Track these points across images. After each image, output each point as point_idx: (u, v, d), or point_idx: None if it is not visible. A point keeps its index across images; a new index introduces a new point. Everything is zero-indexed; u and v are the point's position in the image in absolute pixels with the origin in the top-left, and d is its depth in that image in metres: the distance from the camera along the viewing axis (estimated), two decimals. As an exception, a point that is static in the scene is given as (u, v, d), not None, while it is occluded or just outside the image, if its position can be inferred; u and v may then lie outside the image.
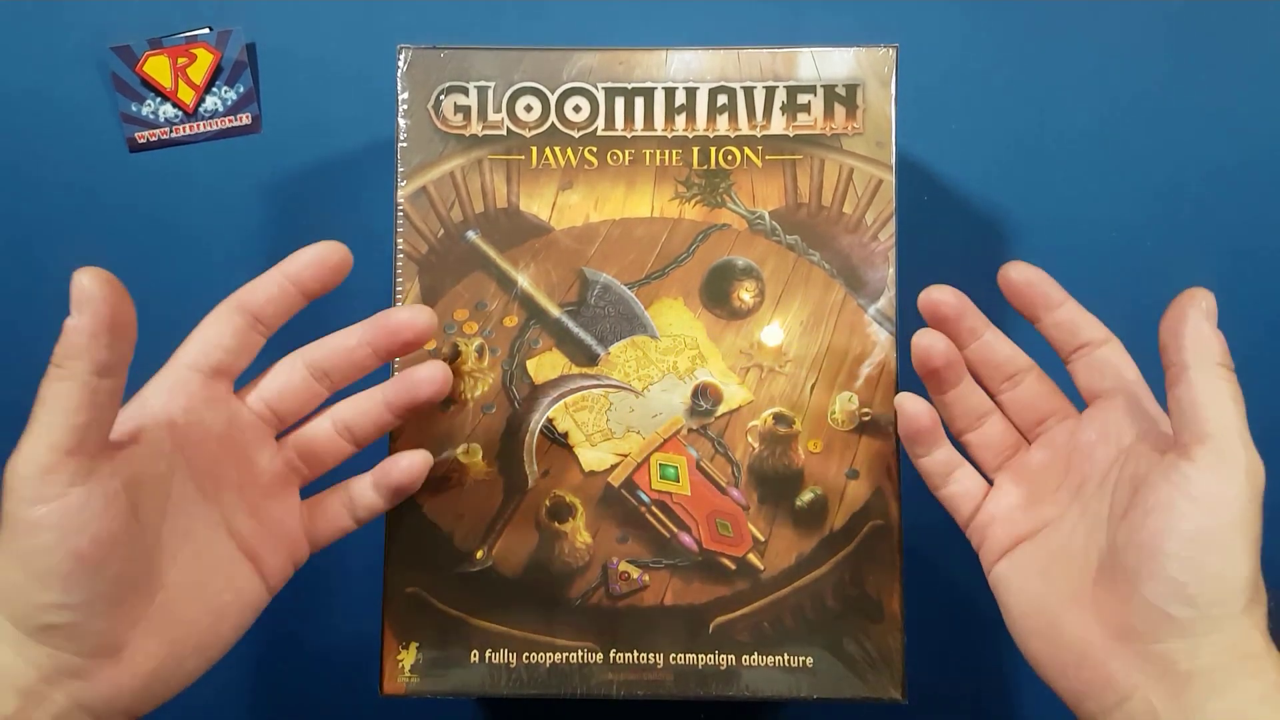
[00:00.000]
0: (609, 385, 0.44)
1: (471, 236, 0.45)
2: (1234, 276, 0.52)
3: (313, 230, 0.52)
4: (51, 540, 0.30)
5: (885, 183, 0.45)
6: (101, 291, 0.29)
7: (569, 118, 0.45)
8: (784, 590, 0.43)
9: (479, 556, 0.43)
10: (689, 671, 0.43)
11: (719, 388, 0.44)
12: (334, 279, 0.37)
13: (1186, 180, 0.53)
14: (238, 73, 0.53)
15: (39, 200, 0.52)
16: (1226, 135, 0.53)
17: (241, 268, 0.52)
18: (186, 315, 0.52)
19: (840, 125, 0.45)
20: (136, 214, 0.52)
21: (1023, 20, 0.54)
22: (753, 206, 0.45)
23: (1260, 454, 0.33)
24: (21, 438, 0.30)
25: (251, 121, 0.53)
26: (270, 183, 0.53)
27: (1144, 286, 0.52)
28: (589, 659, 0.43)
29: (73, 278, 0.30)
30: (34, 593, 0.30)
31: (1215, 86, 0.53)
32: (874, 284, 0.45)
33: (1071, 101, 0.53)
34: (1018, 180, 0.53)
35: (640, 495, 0.44)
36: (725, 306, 0.45)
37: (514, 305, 0.45)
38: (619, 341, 0.45)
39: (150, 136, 0.53)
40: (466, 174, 0.45)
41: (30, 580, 0.30)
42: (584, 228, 0.45)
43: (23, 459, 0.30)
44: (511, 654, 0.43)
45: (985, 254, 0.52)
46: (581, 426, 0.44)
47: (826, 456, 0.44)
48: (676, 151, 0.45)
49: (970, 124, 0.53)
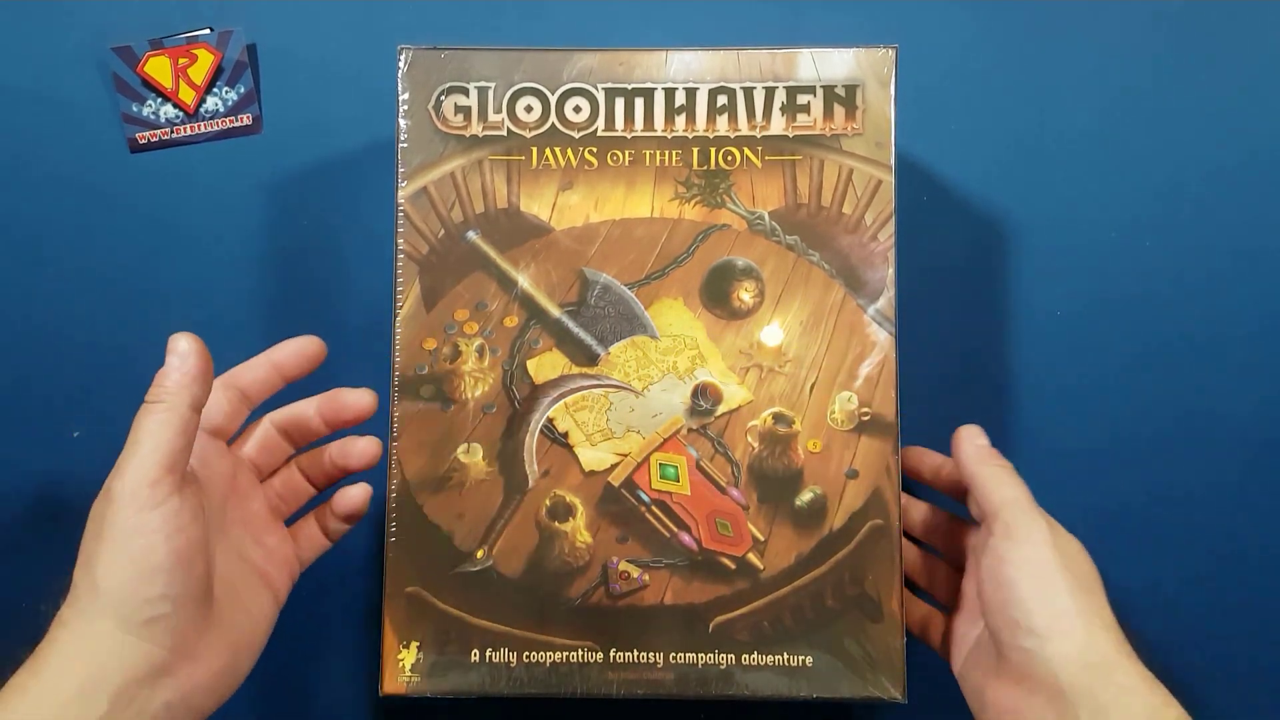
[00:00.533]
0: (609, 385, 0.44)
1: (472, 237, 0.45)
2: (1234, 276, 0.52)
3: (313, 231, 0.52)
4: (158, 540, 0.35)
5: (885, 183, 0.45)
6: (195, 348, 0.38)
7: (569, 118, 0.45)
8: (784, 590, 0.43)
9: (479, 556, 0.44)
10: (689, 671, 0.43)
11: (719, 387, 0.44)
12: (310, 367, 0.43)
13: (1186, 180, 0.53)
14: (238, 73, 0.53)
15: (40, 200, 0.52)
16: (1226, 135, 0.53)
17: (241, 268, 0.52)
18: (187, 315, 0.52)
19: (840, 126, 0.45)
20: (137, 214, 0.52)
21: (1023, 20, 0.54)
22: (752, 207, 0.45)
23: (1261, 455, 0.33)
24: (123, 460, 0.36)
25: (252, 122, 0.53)
26: (271, 183, 0.53)
27: (1144, 286, 0.52)
28: (589, 658, 0.43)
29: (171, 341, 0.38)
30: (144, 587, 0.35)
31: (1215, 86, 0.53)
32: (874, 284, 0.45)
33: (1071, 101, 0.53)
34: (1018, 180, 0.53)
35: (640, 495, 0.44)
36: (725, 306, 0.45)
37: (514, 305, 0.45)
38: (619, 341, 0.45)
39: (151, 137, 0.53)
40: (467, 174, 0.45)
41: (141, 576, 0.35)
42: (584, 228, 0.45)
43: (132, 474, 0.36)
44: (511, 653, 0.43)
45: (985, 254, 0.52)
46: (582, 426, 0.44)
47: (826, 456, 0.44)
48: (676, 152, 0.45)
49: (970, 124, 0.53)
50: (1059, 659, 0.37)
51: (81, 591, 0.36)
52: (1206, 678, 0.50)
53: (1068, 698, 0.37)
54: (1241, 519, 0.51)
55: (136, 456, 0.36)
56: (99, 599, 0.35)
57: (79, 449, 0.51)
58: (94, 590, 0.35)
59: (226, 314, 0.52)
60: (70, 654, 0.35)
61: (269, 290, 0.52)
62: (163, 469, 0.36)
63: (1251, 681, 0.50)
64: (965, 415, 0.44)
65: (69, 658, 0.35)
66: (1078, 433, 0.51)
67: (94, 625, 0.35)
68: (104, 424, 0.51)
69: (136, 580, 0.35)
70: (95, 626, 0.35)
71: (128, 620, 0.35)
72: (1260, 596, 0.50)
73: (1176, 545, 0.51)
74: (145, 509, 0.36)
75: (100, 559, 0.35)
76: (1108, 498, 0.51)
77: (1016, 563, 0.39)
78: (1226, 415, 0.51)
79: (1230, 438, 0.51)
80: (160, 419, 0.37)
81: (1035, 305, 0.52)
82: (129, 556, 0.35)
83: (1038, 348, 0.52)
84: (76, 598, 0.36)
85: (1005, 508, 0.41)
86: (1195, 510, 0.51)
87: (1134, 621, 0.50)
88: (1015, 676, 0.39)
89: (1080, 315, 0.52)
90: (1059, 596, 0.39)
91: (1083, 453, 0.51)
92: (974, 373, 0.52)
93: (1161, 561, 0.51)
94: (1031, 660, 0.38)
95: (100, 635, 0.35)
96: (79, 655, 0.35)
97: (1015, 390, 0.52)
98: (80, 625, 0.35)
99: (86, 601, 0.35)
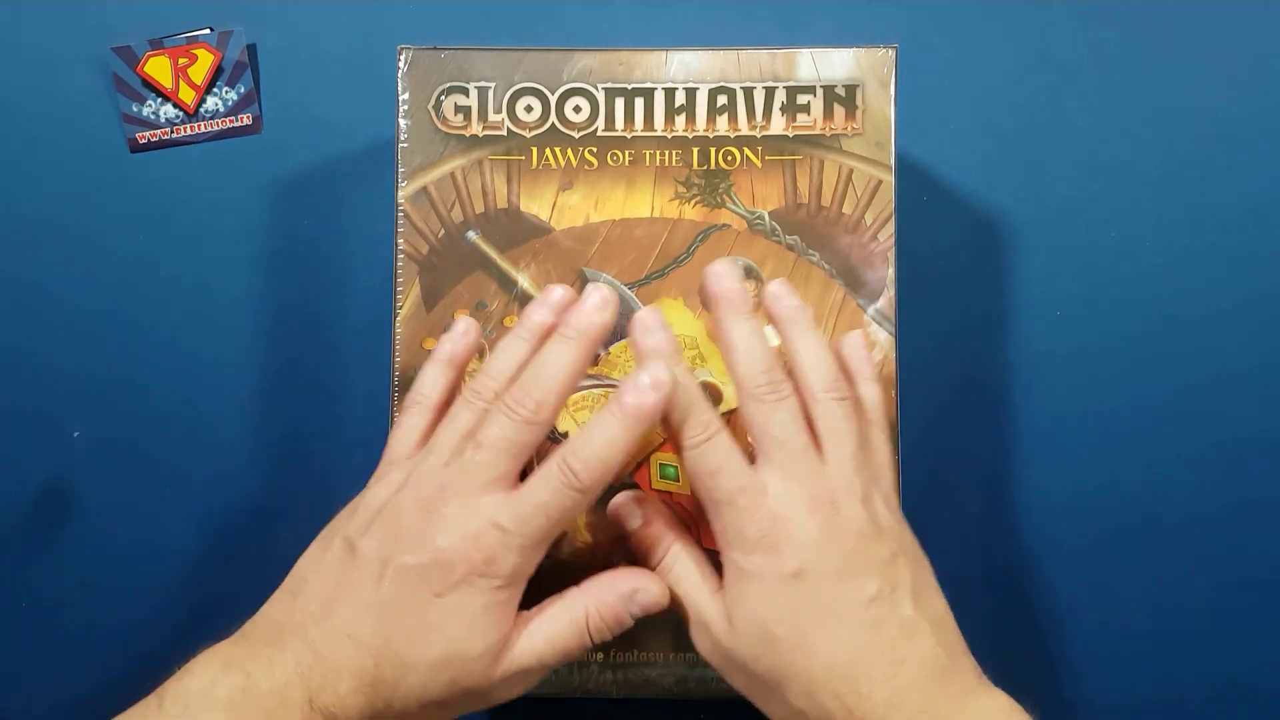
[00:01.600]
0: (609, 385, 0.44)
1: (472, 237, 0.45)
2: (1234, 276, 0.52)
3: (313, 231, 0.52)
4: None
5: (885, 183, 0.45)
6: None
7: (569, 118, 0.45)
8: (784, 590, 0.43)
9: (479, 556, 0.44)
10: (689, 671, 0.43)
11: (719, 387, 0.44)
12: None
13: (1186, 180, 0.53)
14: (239, 73, 0.53)
15: (39, 200, 0.52)
16: (1226, 135, 0.53)
17: (241, 268, 0.52)
18: (187, 315, 0.52)
19: (840, 126, 0.45)
20: (137, 214, 0.52)
21: (1023, 20, 0.54)
22: (752, 207, 0.45)
23: (1261, 454, 0.33)
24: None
25: (252, 122, 0.53)
26: (270, 183, 0.53)
27: (1144, 286, 0.52)
28: (589, 659, 0.43)
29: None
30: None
31: (1215, 86, 0.53)
32: (873, 284, 0.45)
33: (1071, 101, 0.53)
34: (1018, 180, 0.53)
35: (640, 495, 0.44)
36: (725, 307, 0.45)
37: (515, 305, 0.45)
38: (619, 342, 0.45)
39: (151, 137, 0.53)
40: (467, 174, 0.45)
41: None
42: (584, 228, 0.45)
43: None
44: (512, 653, 0.43)
45: (985, 254, 0.52)
46: (582, 426, 0.44)
47: (826, 456, 0.44)
48: (676, 152, 0.45)
49: (970, 124, 0.53)
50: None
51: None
52: (1207, 678, 0.50)
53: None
54: (1242, 519, 0.51)
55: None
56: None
57: (79, 449, 0.51)
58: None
59: (226, 314, 0.52)
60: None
61: (269, 290, 0.52)
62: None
63: (1252, 682, 0.50)
64: (965, 415, 0.44)
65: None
66: (1078, 432, 0.51)
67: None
68: (104, 424, 0.51)
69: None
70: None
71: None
72: (1260, 597, 0.50)
73: (1176, 545, 0.51)
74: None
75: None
76: (1108, 498, 0.51)
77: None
78: (1226, 415, 0.51)
79: (1230, 437, 0.51)
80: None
81: (1035, 305, 0.52)
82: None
83: (1038, 348, 0.52)
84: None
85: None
86: (1196, 510, 0.51)
87: (1133, 621, 0.51)
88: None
89: (1080, 315, 0.52)
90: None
91: (1083, 452, 0.51)
92: (974, 373, 0.52)
93: (1161, 561, 0.51)
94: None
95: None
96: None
97: (1015, 390, 0.52)
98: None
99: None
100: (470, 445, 0.37)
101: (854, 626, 0.35)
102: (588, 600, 0.38)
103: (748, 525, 0.36)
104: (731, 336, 0.38)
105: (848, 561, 0.36)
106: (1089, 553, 0.51)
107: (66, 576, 0.50)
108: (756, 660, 0.36)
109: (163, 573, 0.50)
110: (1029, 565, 0.50)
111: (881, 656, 0.35)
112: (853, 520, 0.36)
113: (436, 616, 0.35)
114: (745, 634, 0.36)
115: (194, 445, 0.51)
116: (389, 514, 0.37)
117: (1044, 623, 0.50)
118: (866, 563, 0.36)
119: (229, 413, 0.51)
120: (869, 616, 0.35)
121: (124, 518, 0.51)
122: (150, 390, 0.51)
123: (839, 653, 0.35)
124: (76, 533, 0.51)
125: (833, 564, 0.36)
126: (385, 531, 0.36)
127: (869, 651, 0.35)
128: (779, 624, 0.35)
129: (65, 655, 0.50)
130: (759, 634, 0.36)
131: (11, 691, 0.50)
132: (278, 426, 0.51)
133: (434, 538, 0.36)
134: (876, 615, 0.35)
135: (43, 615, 0.50)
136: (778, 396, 0.37)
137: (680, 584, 0.39)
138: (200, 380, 0.51)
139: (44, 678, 0.50)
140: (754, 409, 0.38)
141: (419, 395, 0.41)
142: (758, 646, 0.36)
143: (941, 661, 0.35)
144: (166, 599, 0.50)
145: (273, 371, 0.51)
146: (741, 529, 0.36)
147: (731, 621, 0.37)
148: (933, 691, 0.34)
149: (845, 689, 0.34)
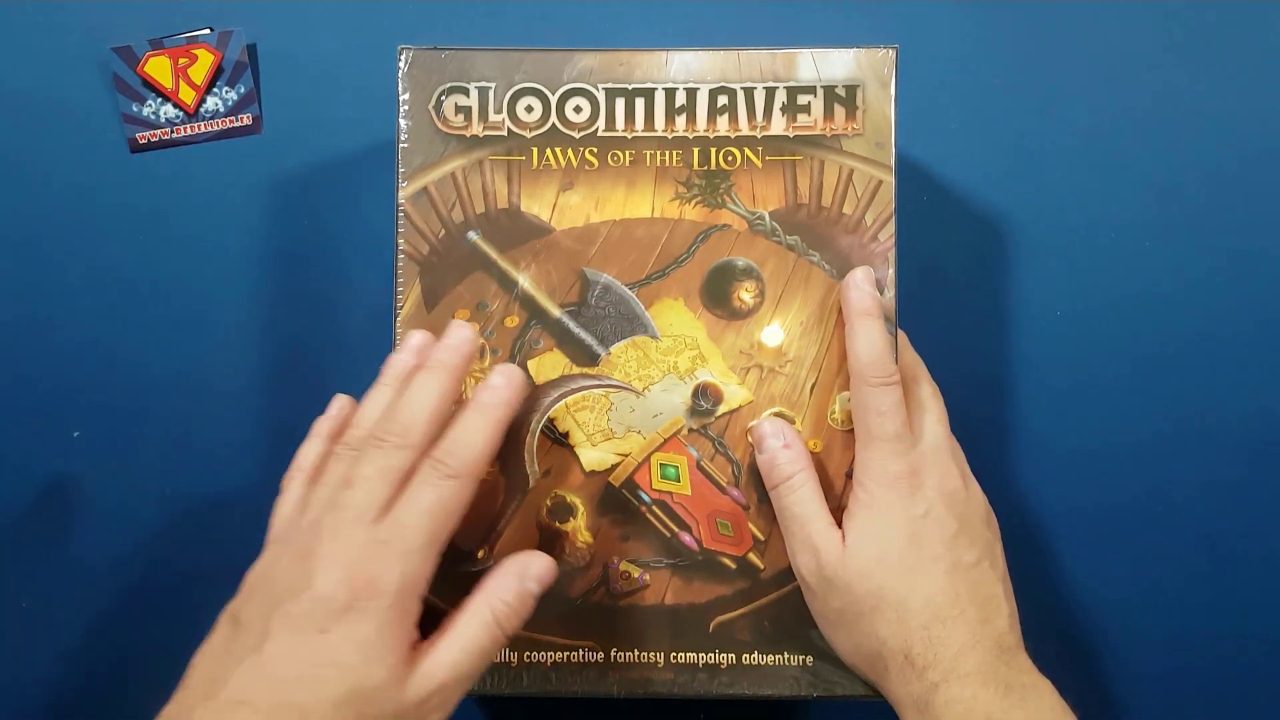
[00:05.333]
0: (610, 385, 0.44)
1: (472, 237, 0.45)
2: (1234, 277, 0.52)
3: (313, 231, 0.52)
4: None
5: (885, 183, 0.45)
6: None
7: (569, 118, 0.45)
8: (784, 589, 0.43)
9: (480, 556, 0.44)
10: (689, 670, 0.43)
11: (719, 388, 0.44)
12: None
13: (1186, 180, 0.53)
14: (239, 73, 0.53)
15: (39, 200, 0.52)
16: (1226, 135, 0.53)
17: (241, 268, 0.52)
18: (186, 315, 0.52)
19: (840, 126, 0.45)
20: (136, 214, 0.52)
21: (1023, 20, 0.54)
22: (753, 207, 0.45)
23: (1261, 455, 0.33)
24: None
25: (252, 122, 0.53)
26: (270, 183, 0.53)
27: (1144, 286, 0.52)
28: (590, 658, 0.43)
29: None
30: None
31: (1215, 87, 0.53)
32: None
33: (1071, 102, 0.53)
34: (1018, 180, 0.53)
35: (641, 495, 0.44)
36: (725, 307, 0.45)
37: (515, 306, 0.45)
38: (620, 342, 0.45)
39: (151, 137, 0.53)
40: (467, 175, 0.45)
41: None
42: (585, 228, 0.45)
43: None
44: (512, 653, 0.43)
45: (985, 254, 0.52)
46: (582, 426, 0.44)
47: (826, 456, 0.44)
48: (677, 152, 0.45)
49: (970, 124, 0.53)
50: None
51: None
52: (1206, 678, 0.50)
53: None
54: (1242, 519, 0.51)
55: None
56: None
57: (79, 449, 0.51)
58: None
59: (226, 314, 0.52)
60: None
61: (269, 290, 0.52)
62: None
63: (1251, 681, 0.50)
64: (965, 415, 0.44)
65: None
66: (1078, 432, 0.51)
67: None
68: (104, 424, 0.51)
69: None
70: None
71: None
72: (1260, 597, 0.51)
73: (1177, 545, 0.51)
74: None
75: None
76: (1108, 497, 0.51)
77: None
78: (1227, 415, 0.51)
79: (1230, 438, 0.51)
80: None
81: (1035, 305, 0.52)
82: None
83: (1038, 348, 0.52)
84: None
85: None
86: (1195, 510, 0.51)
87: (1133, 621, 0.51)
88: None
89: (1080, 315, 0.52)
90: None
91: (1083, 452, 0.51)
92: (974, 373, 0.52)
93: (1161, 561, 0.51)
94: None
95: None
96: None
97: (1015, 390, 0.52)
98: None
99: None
100: (343, 489, 0.37)
101: (956, 577, 0.40)
102: (487, 595, 0.39)
103: (895, 464, 0.41)
104: (857, 332, 0.42)
105: (963, 527, 0.41)
106: (1089, 552, 0.51)
107: (66, 576, 0.50)
108: (864, 579, 0.40)
109: (163, 573, 0.50)
110: (1029, 565, 0.50)
111: (969, 612, 0.39)
112: (977, 498, 0.43)
113: (329, 654, 0.34)
114: (861, 554, 0.40)
115: (194, 445, 0.51)
116: (267, 577, 0.37)
117: (1044, 622, 0.50)
118: (975, 536, 0.41)
119: (229, 413, 0.51)
120: (969, 577, 0.40)
121: (124, 517, 0.51)
122: (150, 390, 0.51)
123: (939, 593, 0.39)
124: (76, 533, 0.51)
125: (951, 525, 0.40)
126: (264, 593, 0.36)
127: (963, 602, 0.39)
128: (898, 552, 0.40)
129: (65, 655, 0.50)
130: (877, 555, 0.40)
131: (12, 691, 0.50)
132: (278, 427, 0.51)
133: (311, 578, 0.35)
134: (975, 579, 0.40)
135: (43, 615, 0.50)
136: (889, 383, 0.42)
137: (801, 505, 0.42)
138: (200, 381, 0.51)
139: (44, 678, 0.50)
140: (867, 394, 0.42)
141: (297, 468, 0.42)
142: (870, 565, 0.40)
143: (1008, 641, 0.40)
144: (167, 599, 0.50)
145: (273, 372, 0.51)
146: (886, 465, 0.41)
147: (849, 544, 0.41)
148: (997, 661, 0.39)
149: (934, 626, 0.39)
